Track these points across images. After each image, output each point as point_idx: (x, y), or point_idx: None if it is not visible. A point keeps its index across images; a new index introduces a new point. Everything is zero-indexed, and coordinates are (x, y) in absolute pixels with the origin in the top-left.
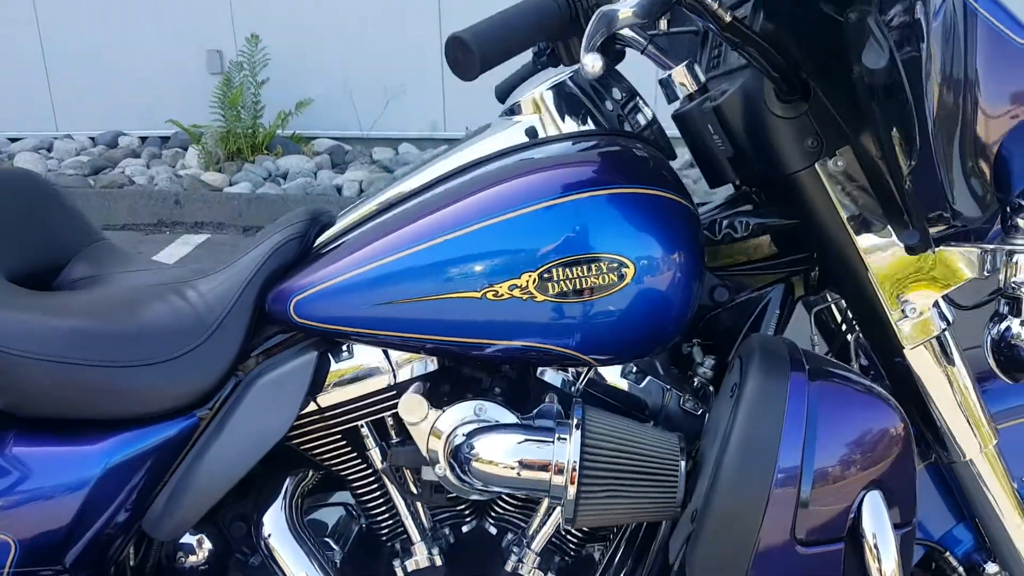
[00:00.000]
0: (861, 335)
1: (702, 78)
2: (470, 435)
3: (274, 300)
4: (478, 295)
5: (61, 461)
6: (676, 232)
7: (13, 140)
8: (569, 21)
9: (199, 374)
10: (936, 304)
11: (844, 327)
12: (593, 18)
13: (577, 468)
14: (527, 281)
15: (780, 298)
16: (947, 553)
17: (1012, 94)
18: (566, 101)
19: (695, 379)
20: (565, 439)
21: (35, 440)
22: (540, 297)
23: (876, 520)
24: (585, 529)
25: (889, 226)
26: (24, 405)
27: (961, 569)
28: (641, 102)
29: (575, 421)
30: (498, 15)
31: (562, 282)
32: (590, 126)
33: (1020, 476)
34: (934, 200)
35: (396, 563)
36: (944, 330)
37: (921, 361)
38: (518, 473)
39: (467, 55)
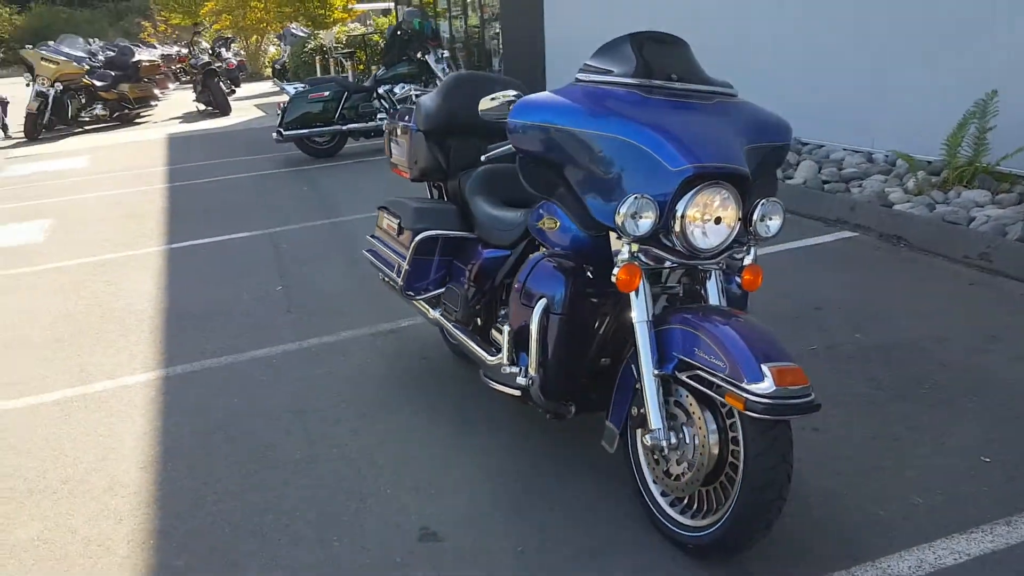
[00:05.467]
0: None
1: None
2: None
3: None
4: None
5: (483, 254)
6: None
7: None
8: None
9: (513, 238)
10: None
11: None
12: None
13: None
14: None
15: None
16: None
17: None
18: None
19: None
20: None
21: (484, 247)
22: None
23: (539, 307)
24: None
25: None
26: (482, 237)
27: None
28: None
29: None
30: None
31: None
32: None
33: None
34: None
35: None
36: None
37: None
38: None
39: None
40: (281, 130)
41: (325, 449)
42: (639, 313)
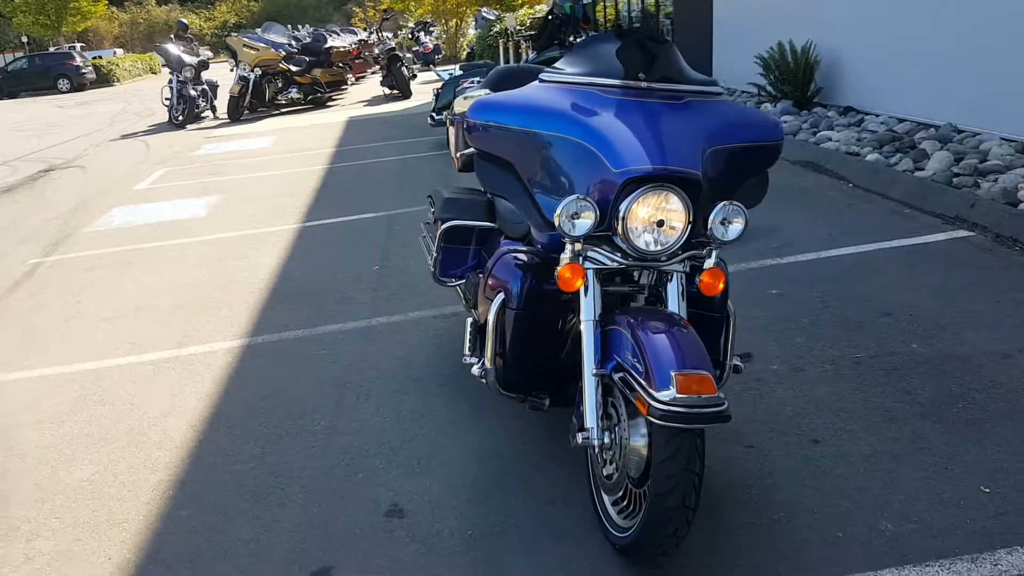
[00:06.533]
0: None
1: None
2: None
3: None
4: None
5: (500, 245)
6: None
7: None
8: None
9: (524, 230)
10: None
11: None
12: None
13: None
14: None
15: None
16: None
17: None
18: None
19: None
20: None
21: (505, 239)
22: None
23: (498, 299)
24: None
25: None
26: (501, 228)
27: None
28: None
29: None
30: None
31: None
32: None
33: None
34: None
35: None
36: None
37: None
38: None
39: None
40: (433, 115)
41: (346, 422)
42: (585, 312)
